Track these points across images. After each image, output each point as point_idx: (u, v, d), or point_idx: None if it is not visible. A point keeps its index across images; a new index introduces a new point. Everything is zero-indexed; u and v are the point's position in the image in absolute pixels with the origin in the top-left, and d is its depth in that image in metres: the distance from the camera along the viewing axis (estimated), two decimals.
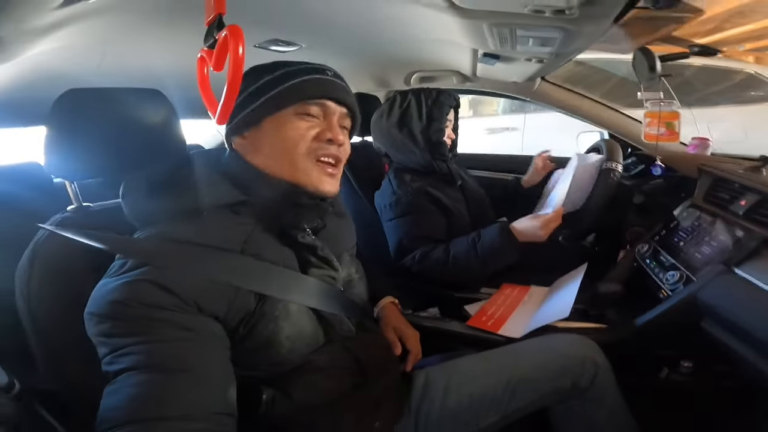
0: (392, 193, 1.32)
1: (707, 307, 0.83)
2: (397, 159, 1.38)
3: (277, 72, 0.69)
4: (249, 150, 0.70)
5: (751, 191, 0.96)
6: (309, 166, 0.69)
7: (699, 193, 1.16)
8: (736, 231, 0.90)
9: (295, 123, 0.68)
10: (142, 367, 0.51)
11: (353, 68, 1.50)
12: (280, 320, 0.63)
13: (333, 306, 0.71)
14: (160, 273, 0.55)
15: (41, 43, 0.73)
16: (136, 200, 0.65)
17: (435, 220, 1.28)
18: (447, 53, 1.34)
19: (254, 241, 0.65)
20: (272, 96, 0.67)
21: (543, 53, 1.13)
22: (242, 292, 0.60)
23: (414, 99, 1.32)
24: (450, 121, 1.37)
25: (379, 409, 0.75)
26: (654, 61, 1.10)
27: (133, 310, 0.53)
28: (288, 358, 0.65)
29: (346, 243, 0.85)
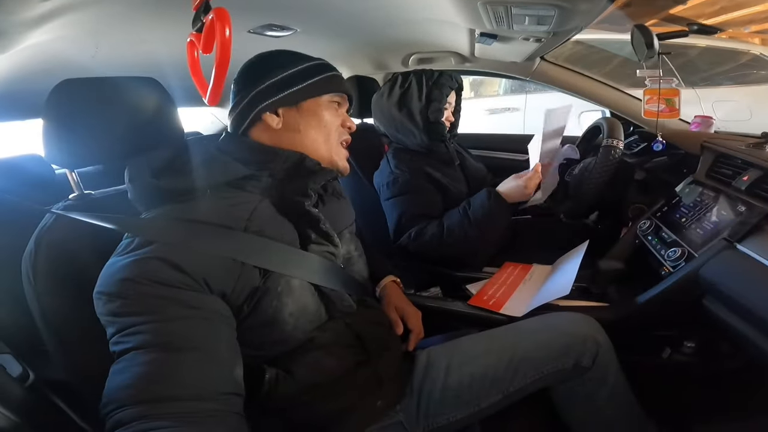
0: (390, 172, 1.33)
1: (709, 283, 0.82)
2: (396, 139, 1.39)
3: (311, 63, 0.77)
4: (280, 127, 0.74)
5: (754, 167, 0.95)
6: (339, 150, 0.81)
7: (701, 169, 1.15)
8: (738, 206, 0.89)
9: (331, 109, 0.79)
10: (149, 346, 0.52)
11: (350, 51, 1.48)
12: (283, 296, 0.65)
13: (334, 282, 0.73)
14: (169, 250, 0.56)
15: (32, 35, 0.72)
16: (142, 183, 0.66)
17: (432, 199, 1.29)
18: (444, 34, 1.32)
19: (257, 218, 0.67)
20: (315, 82, 0.75)
21: (540, 32, 1.11)
22: (247, 268, 0.62)
23: (415, 80, 1.33)
24: (450, 104, 1.38)
25: (382, 387, 0.77)
26: (651, 39, 1.08)
27: (142, 288, 0.54)
28: (292, 335, 0.67)
29: (345, 221, 0.87)
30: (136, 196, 0.67)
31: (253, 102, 0.73)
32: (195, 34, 0.55)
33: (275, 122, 0.74)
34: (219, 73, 0.52)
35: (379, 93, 1.42)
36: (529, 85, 3.74)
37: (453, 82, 1.35)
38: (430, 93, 1.31)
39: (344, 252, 0.82)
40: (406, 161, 1.32)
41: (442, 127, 1.33)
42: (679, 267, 0.90)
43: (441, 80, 1.32)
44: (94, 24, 0.79)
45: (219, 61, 0.50)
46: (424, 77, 1.33)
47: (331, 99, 0.78)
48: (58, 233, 0.65)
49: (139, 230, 0.60)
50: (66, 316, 0.64)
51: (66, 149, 0.68)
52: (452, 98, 1.38)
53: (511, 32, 1.12)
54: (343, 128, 0.81)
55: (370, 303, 0.85)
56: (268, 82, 0.73)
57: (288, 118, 0.75)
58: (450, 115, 1.39)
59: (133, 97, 0.73)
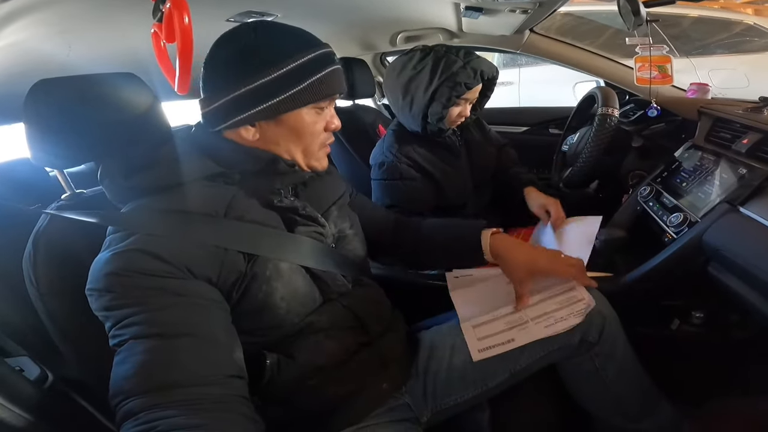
0: (382, 153, 1.27)
1: (713, 249, 0.80)
2: (398, 118, 1.30)
3: (294, 63, 0.63)
4: (260, 140, 0.68)
5: (753, 130, 0.94)
6: (320, 154, 0.74)
7: (700, 134, 1.13)
8: (739, 169, 0.88)
9: (313, 117, 0.70)
10: (144, 336, 0.53)
11: (335, 33, 1.45)
12: (272, 280, 0.64)
13: (324, 263, 0.72)
14: (148, 241, 0.56)
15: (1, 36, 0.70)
16: (113, 182, 0.65)
17: (419, 193, 1.22)
18: (431, 9, 1.29)
19: (236, 206, 0.66)
20: (295, 93, 0.64)
21: (525, 2, 1.08)
22: (231, 254, 0.61)
23: (430, 65, 1.13)
24: (468, 100, 1.19)
25: (386, 369, 0.76)
26: (637, 6, 1.06)
27: (126, 280, 0.54)
28: (286, 319, 0.66)
29: (331, 196, 0.83)
30: (110, 194, 0.66)
31: (228, 110, 0.65)
32: (157, 24, 0.55)
33: (251, 135, 0.67)
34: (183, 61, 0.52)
35: (392, 66, 1.24)
36: (521, 59, 3.71)
37: (474, 79, 1.12)
38: (436, 91, 1.12)
39: (335, 231, 0.79)
40: (404, 145, 1.23)
41: (442, 130, 1.21)
42: (682, 233, 0.89)
43: (459, 76, 1.10)
44: (66, 20, 0.77)
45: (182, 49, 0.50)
46: (441, 65, 1.11)
47: (315, 106, 0.69)
48: (54, 233, 0.66)
49: (119, 224, 0.60)
50: (71, 314, 0.65)
51: (50, 150, 0.67)
52: (474, 94, 1.19)
53: (495, 4, 1.09)
54: (326, 132, 0.73)
55: (366, 282, 0.83)
56: (244, 88, 0.63)
57: (265, 131, 0.68)
58: (465, 111, 1.20)
59: (113, 93, 0.71)
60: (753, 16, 3.44)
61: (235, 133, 0.68)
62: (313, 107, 0.69)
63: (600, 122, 1.20)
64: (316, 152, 0.73)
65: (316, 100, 0.67)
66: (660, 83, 1.28)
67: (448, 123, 1.20)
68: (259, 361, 0.65)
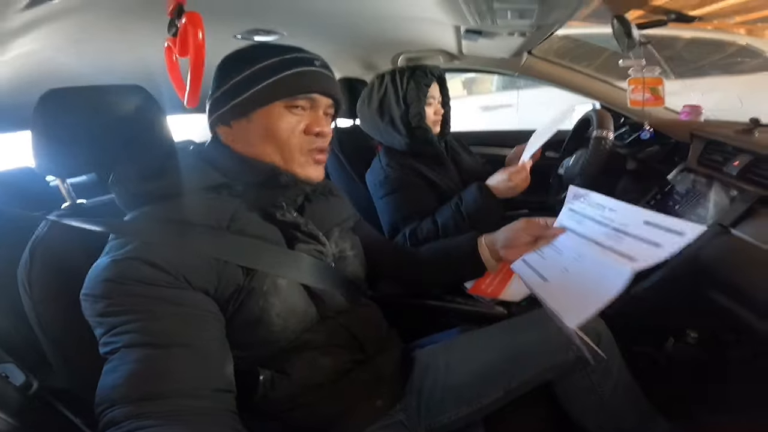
0: (381, 170, 1.31)
1: (707, 269, 0.82)
2: (385, 142, 1.36)
3: (266, 62, 0.68)
4: (235, 139, 0.71)
5: (744, 152, 0.96)
6: (301, 159, 0.72)
7: (692, 156, 1.16)
8: (730, 191, 0.90)
9: (285, 117, 0.69)
10: (137, 345, 0.52)
11: (338, 53, 1.48)
12: (270, 296, 0.64)
13: (323, 281, 0.72)
14: (147, 249, 0.57)
15: (16, 45, 0.72)
16: (126, 187, 0.66)
17: (424, 196, 1.27)
18: (431, 32, 1.32)
19: (239, 219, 0.67)
20: (261, 88, 0.67)
21: (523, 26, 1.11)
22: (230, 267, 0.62)
23: (390, 83, 1.27)
24: (434, 98, 1.30)
25: (381, 387, 0.76)
26: (630, 28, 1.10)
27: (123, 287, 0.54)
28: (282, 335, 0.66)
29: (334, 218, 0.84)
30: (119, 199, 0.67)
31: (210, 111, 0.71)
32: (171, 39, 0.57)
33: (227, 136, 0.71)
34: (195, 75, 0.53)
35: (361, 100, 1.38)
36: (520, 81, 3.77)
37: (428, 77, 1.25)
38: (405, 95, 1.23)
39: (335, 250, 0.80)
40: (397, 159, 1.30)
41: (426, 131, 1.27)
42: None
43: (416, 77, 1.24)
44: (79, 32, 0.79)
45: (194, 63, 0.51)
46: (398, 77, 1.26)
47: (288, 104, 0.69)
48: (52, 242, 0.66)
49: (119, 231, 0.61)
50: (63, 324, 0.65)
51: (55, 159, 0.68)
52: (435, 92, 1.30)
53: (495, 27, 1.12)
54: (307, 135, 0.71)
55: (364, 302, 0.84)
56: (221, 89, 0.69)
57: (238, 131, 0.70)
58: (438, 109, 1.32)
59: (120, 105, 0.74)
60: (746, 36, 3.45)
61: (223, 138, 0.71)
62: (285, 106, 0.69)
63: (595, 145, 1.22)
64: (295, 156, 0.71)
65: (284, 96, 0.68)
66: (652, 105, 1.30)
67: (430, 122, 1.28)
68: (252, 377, 0.64)
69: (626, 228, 0.68)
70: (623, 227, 0.69)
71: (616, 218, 0.71)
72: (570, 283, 0.69)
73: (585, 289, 0.65)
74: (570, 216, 0.80)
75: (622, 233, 0.68)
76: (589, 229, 0.74)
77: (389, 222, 1.27)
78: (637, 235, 0.65)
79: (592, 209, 0.77)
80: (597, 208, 0.76)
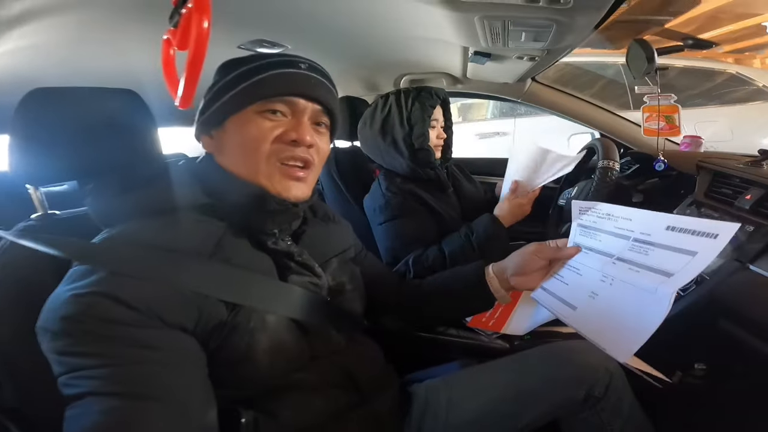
0: (381, 195, 1.26)
1: (724, 306, 0.79)
2: (385, 166, 1.32)
3: (244, 67, 0.63)
4: (216, 151, 0.66)
5: (756, 185, 0.94)
6: (271, 170, 0.63)
7: (699, 189, 1.13)
8: (745, 226, 0.86)
9: (257, 122, 0.62)
10: (104, 393, 0.46)
11: (341, 71, 1.47)
12: (257, 332, 0.57)
13: (317, 316, 0.65)
14: (115, 283, 0.49)
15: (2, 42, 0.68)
16: (101, 199, 0.61)
17: (427, 223, 1.23)
18: (437, 53, 1.32)
19: (226, 246, 0.60)
20: (234, 94, 0.62)
21: (535, 49, 1.10)
22: (211, 301, 0.54)
23: (395, 103, 1.24)
24: (437, 121, 1.27)
25: (379, 428, 0.69)
26: (652, 53, 1.08)
27: (86, 326, 0.47)
28: (269, 374, 0.59)
29: (333, 248, 0.78)
30: (93, 212, 0.61)
31: (196, 120, 0.67)
32: (171, 31, 0.51)
33: (209, 146, 0.66)
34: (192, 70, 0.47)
35: (363, 121, 1.34)
36: (517, 109, 3.81)
37: (434, 98, 1.22)
38: (410, 117, 1.20)
39: (332, 283, 0.73)
40: (398, 183, 1.26)
41: (430, 153, 1.23)
42: (690, 290, 0.87)
43: (421, 98, 1.21)
44: (71, 31, 0.75)
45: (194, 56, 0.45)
46: (403, 98, 1.22)
47: (260, 108, 0.62)
48: (16, 255, 0.60)
49: (86, 257, 0.52)
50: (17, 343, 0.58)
51: (32, 163, 0.62)
52: (439, 115, 1.27)
53: (505, 50, 1.12)
54: (281, 143, 0.63)
55: (361, 339, 0.77)
56: (206, 97, 0.65)
57: (217, 141, 0.65)
58: (441, 133, 1.29)
59: (109, 110, 0.68)
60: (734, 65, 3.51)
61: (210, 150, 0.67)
62: (258, 110, 0.62)
63: (601, 175, 1.19)
64: (262, 167, 0.62)
65: (257, 99, 0.62)
66: (668, 135, 1.29)
67: (432, 146, 1.24)
68: (233, 418, 0.57)
69: (649, 238, 0.60)
70: (645, 237, 0.61)
71: (634, 228, 0.64)
72: (604, 310, 0.62)
73: (624, 317, 0.58)
74: (582, 233, 0.73)
75: (647, 244, 0.60)
76: (607, 244, 0.67)
77: (389, 249, 1.22)
78: (664, 245, 0.58)
79: (605, 221, 0.70)
80: (609, 219, 0.69)
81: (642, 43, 1.10)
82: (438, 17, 0.90)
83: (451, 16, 0.88)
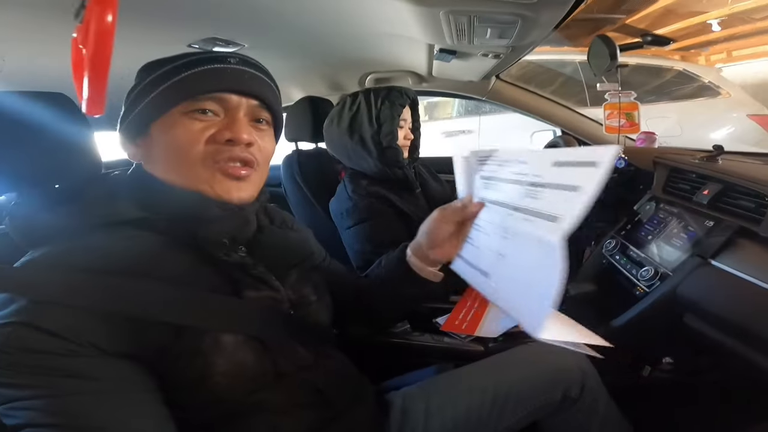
0: (347, 198, 1.22)
1: (688, 301, 0.80)
2: (352, 166, 1.28)
3: (166, 67, 0.57)
4: (145, 160, 0.60)
5: (712, 180, 0.95)
6: (209, 175, 0.58)
7: (657, 185, 1.15)
8: (705, 221, 0.88)
9: (185, 124, 0.56)
10: (43, 425, 0.42)
11: (303, 70, 1.41)
12: (210, 355, 0.52)
13: (280, 332, 0.60)
14: (36, 311, 0.44)
15: None
16: (22, 216, 0.54)
17: (394, 224, 1.19)
18: (402, 52, 1.29)
19: (165, 262, 0.54)
20: (156, 95, 0.56)
21: (500, 46, 1.10)
22: (150, 324, 0.49)
23: (364, 101, 1.20)
24: (406, 121, 1.25)
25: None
26: (615, 49, 1.10)
27: (11, 357, 0.42)
28: (227, 396, 0.54)
29: (292, 257, 0.71)
30: (13, 231, 0.54)
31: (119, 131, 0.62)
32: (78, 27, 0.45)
33: (135, 155, 0.61)
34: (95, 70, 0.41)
35: (329, 119, 1.30)
36: (482, 107, 3.85)
37: (404, 97, 1.20)
38: (379, 115, 1.17)
39: (293, 296, 0.67)
40: (364, 186, 1.22)
41: (398, 152, 1.20)
42: (655, 287, 0.88)
43: (391, 97, 1.18)
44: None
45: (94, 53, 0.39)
46: (372, 96, 1.20)
47: (186, 109, 0.57)
48: None
49: (3, 285, 0.47)
50: None
51: None
52: (407, 115, 1.25)
53: (471, 47, 1.10)
54: (218, 144, 0.57)
55: (330, 352, 0.72)
56: (125, 104, 0.60)
57: (143, 149, 0.60)
58: (408, 134, 1.27)
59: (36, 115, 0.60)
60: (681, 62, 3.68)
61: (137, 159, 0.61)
62: (185, 111, 0.57)
63: None
64: (198, 171, 0.57)
65: (182, 99, 0.56)
66: (628, 132, 1.31)
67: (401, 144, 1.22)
68: None
69: (540, 179, 0.53)
70: (537, 179, 0.53)
71: (528, 170, 0.56)
72: (511, 273, 0.55)
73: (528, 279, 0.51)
74: (484, 185, 0.64)
75: (538, 187, 0.53)
76: (506, 193, 0.58)
77: (359, 252, 1.18)
78: (552, 183, 0.51)
79: (504, 169, 0.61)
80: (508, 165, 0.61)
81: (605, 39, 1.11)
82: (404, 13, 0.87)
83: (416, 11, 0.85)
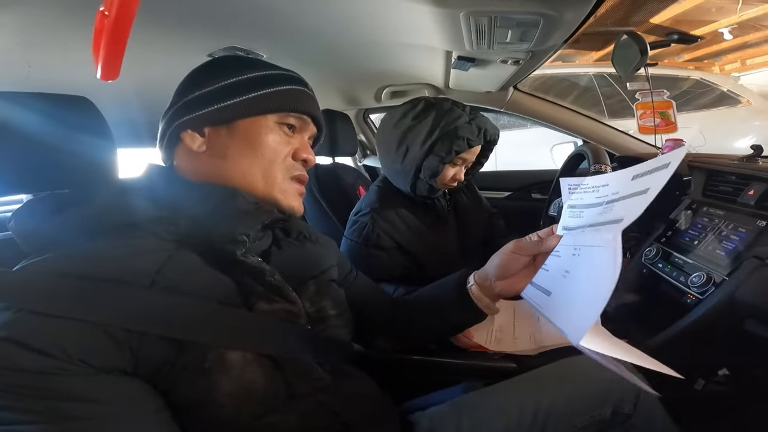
0: (362, 206, 1.15)
1: (749, 306, 0.74)
2: (386, 173, 1.20)
3: (260, 72, 0.61)
4: (203, 149, 0.59)
5: (756, 180, 0.92)
6: (286, 186, 0.62)
7: (696, 189, 1.11)
8: (757, 222, 0.83)
9: (275, 132, 0.61)
10: None
11: (320, 82, 1.40)
12: (215, 374, 0.47)
13: (295, 349, 0.56)
14: (23, 325, 0.40)
15: None
16: (29, 219, 0.51)
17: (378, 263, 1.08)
18: (419, 63, 1.27)
19: (171, 271, 0.50)
20: (255, 97, 0.59)
21: (519, 51, 1.07)
22: (149, 339, 0.45)
23: (434, 115, 1.04)
24: (465, 160, 1.10)
25: None
26: (645, 45, 1.06)
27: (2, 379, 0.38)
28: (233, 419, 0.49)
29: (309, 269, 0.68)
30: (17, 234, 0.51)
31: (173, 117, 0.60)
32: None
33: (197, 144, 0.59)
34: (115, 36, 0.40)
35: (389, 114, 1.14)
36: (500, 120, 3.82)
37: (477, 137, 1.03)
38: (434, 145, 1.02)
39: (311, 309, 0.63)
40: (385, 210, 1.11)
41: (432, 189, 1.09)
42: (709, 293, 0.81)
43: (462, 131, 1.01)
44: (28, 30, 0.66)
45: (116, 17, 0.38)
46: (444, 118, 1.03)
47: (280, 120, 0.61)
48: None
49: None
50: None
51: None
52: (472, 154, 1.09)
53: (490, 53, 1.08)
54: (295, 160, 0.63)
55: (350, 371, 0.67)
56: (197, 92, 0.59)
57: (214, 140, 0.59)
58: (460, 174, 1.11)
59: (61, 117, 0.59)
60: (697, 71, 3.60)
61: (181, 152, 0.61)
62: (277, 121, 0.61)
63: None
64: (279, 180, 0.61)
65: (277, 109, 0.60)
66: (665, 131, 1.25)
67: (440, 183, 1.09)
68: None
69: (618, 194, 0.54)
70: (615, 195, 0.54)
71: (609, 191, 0.57)
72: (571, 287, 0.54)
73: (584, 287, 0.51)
74: (571, 214, 0.65)
75: (614, 202, 0.54)
76: (584, 218, 0.59)
77: None
78: (627, 194, 0.52)
79: (590, 195, 0.62)
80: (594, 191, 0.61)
81: (634, 35, 1.08)
82: (423, 18, 0.86)
83: (436, 14, 0.84)
